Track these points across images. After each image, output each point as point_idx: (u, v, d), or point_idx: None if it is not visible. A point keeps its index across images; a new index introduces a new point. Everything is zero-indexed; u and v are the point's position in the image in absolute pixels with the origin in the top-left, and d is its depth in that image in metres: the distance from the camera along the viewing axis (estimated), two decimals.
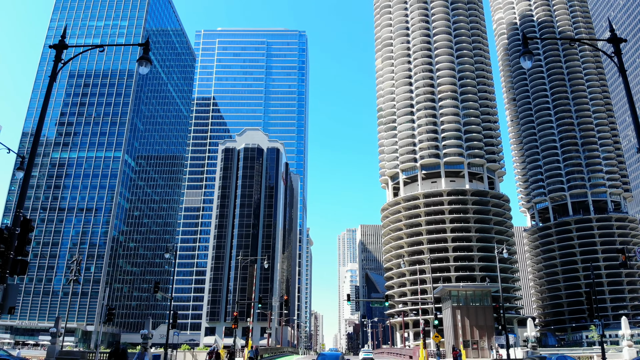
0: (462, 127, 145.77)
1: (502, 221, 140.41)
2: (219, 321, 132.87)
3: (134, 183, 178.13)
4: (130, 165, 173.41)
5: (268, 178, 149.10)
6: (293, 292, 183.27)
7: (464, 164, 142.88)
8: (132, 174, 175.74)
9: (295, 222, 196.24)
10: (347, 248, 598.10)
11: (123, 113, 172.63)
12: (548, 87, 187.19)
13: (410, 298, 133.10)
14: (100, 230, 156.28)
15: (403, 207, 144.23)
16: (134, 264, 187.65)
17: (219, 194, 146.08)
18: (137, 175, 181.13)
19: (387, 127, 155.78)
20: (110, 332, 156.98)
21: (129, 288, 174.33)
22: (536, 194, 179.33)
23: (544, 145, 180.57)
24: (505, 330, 42.75)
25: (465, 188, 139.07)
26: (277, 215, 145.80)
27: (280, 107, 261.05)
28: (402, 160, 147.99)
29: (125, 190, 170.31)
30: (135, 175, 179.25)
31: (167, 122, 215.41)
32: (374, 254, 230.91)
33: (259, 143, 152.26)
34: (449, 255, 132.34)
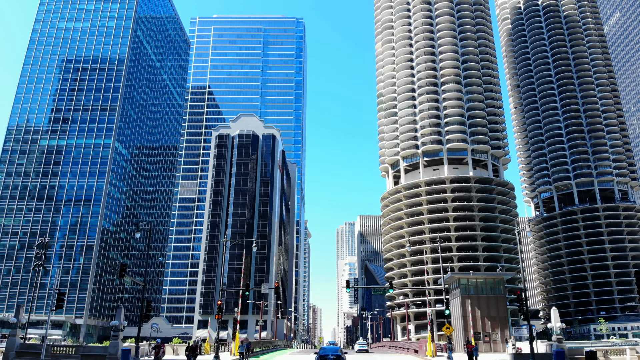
0: (465, 112, 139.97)
1: (507, 210, 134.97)
2: (213, 314, 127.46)
3: (127, 173, 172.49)
4: (122, 153, 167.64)
5: (264, 166, 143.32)
6: (290, 284, 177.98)
7: (467, 151, 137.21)
8: (124, 163, 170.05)
9: (293, 212, 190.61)
10: (345, 241, 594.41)
11: (113, 99, 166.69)
12: (553, 72, 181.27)
13: (412, 289, 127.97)
14: (90, 220, 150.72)
15: (404, 196, 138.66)
16: (127, 256, 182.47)
17: (212, 182, 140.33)
18: (129, 164, 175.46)
19: (387, 112, 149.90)
20: (101, 326, 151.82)
21: (120, 280, 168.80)
22: (541, 183, 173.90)
23: (549, 133, 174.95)
24: (529, 321, 37.28)
25: (469, 175, 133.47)
26: (273, 204, 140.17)
27: (277, 95, 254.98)
28: (403, 147, 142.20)
29: (117, 180, 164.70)
30: (127, 164, 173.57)
31: (160, 111, 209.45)
32: (373, 246, 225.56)
33: (254, 129, 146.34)
34: (452, 245, 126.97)
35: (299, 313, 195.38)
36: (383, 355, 56.61)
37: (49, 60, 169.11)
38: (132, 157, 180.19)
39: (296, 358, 48.36)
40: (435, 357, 46.28)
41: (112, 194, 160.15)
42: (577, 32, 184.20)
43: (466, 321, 55.17)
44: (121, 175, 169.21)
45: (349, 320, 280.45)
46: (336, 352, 29.43)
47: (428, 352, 46.63)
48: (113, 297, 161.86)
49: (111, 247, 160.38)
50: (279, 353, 56.67)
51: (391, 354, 60.81)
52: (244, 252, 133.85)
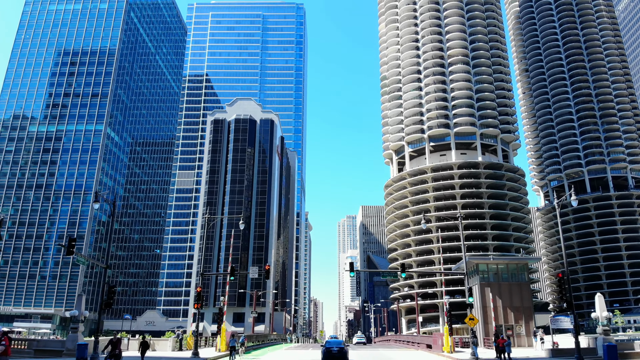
0: (474, 94, 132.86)
1: (517, 197, 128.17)
2: (208, 306, 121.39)
3: (122, 162, 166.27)
4: (115, 141, 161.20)
5: (262, 152, 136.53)
6: (290, 276, 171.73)
7: (476, 135, 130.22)
8: (118, 152, 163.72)
9: (293, 202, 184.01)
10: (347, 235, 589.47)
11: (105, 84, 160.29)
12: (564, 56, 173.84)
13: (418, 280, 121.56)
14: (81, 209, 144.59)
15: (409, 183, 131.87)
16: (121, 248, 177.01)
17: (207, 169, 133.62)
18: (124, 154, 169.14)
19: (391, 96, 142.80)
20: (92, 319, 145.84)
21: (113, 272, 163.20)
22: (551, 171, 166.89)
23: (559, 119, 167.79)
24: (572, 309, 30.64)
25: (477, 161, 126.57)
26: (271, 192, 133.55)
27: (277, 83, 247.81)
28: (408, 132, 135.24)
29: (111, 169, 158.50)
30: (122, 153, 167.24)
31: (156, 99, 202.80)
32: (376, 237, 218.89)
33: (252, 114, 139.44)
34: (460, 233, 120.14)
35: (299, 306, 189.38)
36: (390, 351, 50.07)
37: (39, 44, 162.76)
38: (127, 146, 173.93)
39: (290, 354, 41.79)
40: (453, 353, 39.73)
41: (104, 182, 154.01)
42: (588, 13, 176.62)
43: (486, 312, 48.63)
44: (115, 164, 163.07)
45: (350, 313, 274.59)
46: (340, 344, 33.67)
47: (445, 348, 40.07)
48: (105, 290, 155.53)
49: (104, 238, 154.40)
50: (273, 349, 50.18)
51: (399, 349, 54.30)
52: (241, 243, 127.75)
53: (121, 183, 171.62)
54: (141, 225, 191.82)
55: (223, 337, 40.08)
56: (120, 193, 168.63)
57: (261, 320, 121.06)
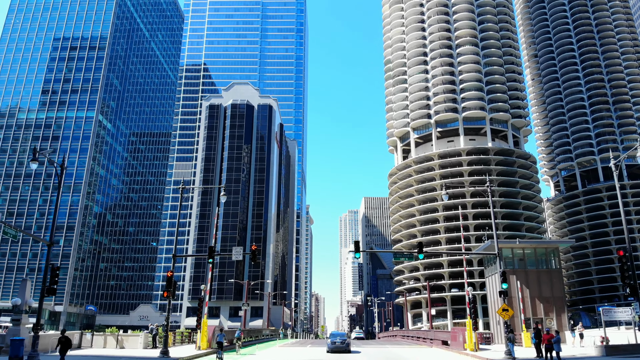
0: (483, 77, 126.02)
1: (529, 185, 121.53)
2: (203, 300, 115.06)
3: (115, 151, 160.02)
4: (108, 129, 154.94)
5: (259, 139, 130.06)
6: (290, 269, 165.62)
7: (485, 120, 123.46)
8: (111, 141, 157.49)
9: (292, 193, 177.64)
10: (349, 230, 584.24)
11: (97, 69, 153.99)
12: (574, 40, 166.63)
13: (424, 273, 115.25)
14: (71, 199, 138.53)
15: (415, 170, 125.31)
16: (116, 241, 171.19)
17: (202, 156, 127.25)
18: (117, 142, 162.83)
19: (396, 80, 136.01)
20: (84, 314, 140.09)
21: (108, 266, 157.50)
22: (561, 160, 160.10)
23: (570, 105, 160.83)
24: (637, 294, 24.20)
25: (487, 146, 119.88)
26: (269, 181, 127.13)
27: (276, 72, 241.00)
28: (413, 117, 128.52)
29: (103, 158, 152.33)
30: (115, 142, 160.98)
31: (152, 88, 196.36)
32: (379, 229, 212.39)
33: (249, 99, 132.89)
34: (469, 223, 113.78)
35: (299, 300, 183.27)
36: (401, 348, 43.69)
37: (28, 28, 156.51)
38: (122, 136, 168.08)
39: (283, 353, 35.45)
40: (478, 351, 33.35)
41: (97, 172, 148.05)
42: None
43: (511, 303, 42.15)
44: (109, 154, 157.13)
45: (352, 308, 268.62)
46: (343, 336, 36.96)
47: (468, 345, 33.67)
48: (98, 284, 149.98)
49: (96, 230, 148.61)
50: (265, 346, 43.83)
51: (410, 346, 47.91)
52: (238, 234, 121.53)
53: (116, 174, 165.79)
54: (137, 218, 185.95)
55: (204, 332, 33.77)
56: (114, 184, 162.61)
57: (259, 314, 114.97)
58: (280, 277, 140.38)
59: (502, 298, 28.29)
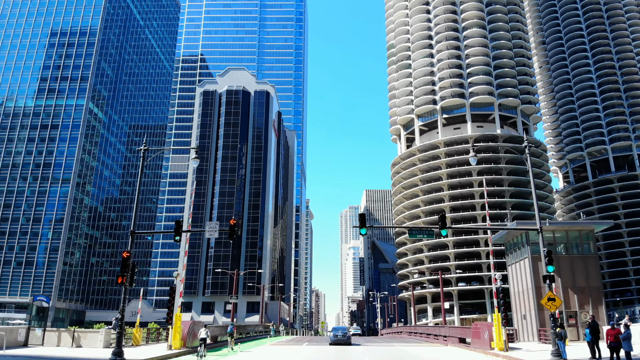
0: (491, 61, 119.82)
1: (540, 173, 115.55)
2: (196, 295, 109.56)
3: (107, 142, 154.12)
4: (99, 118, 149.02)
5: (256, 126, 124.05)
6: (289, 263, 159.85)
7: (494, 106, 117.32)
8: (103, 131, 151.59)
9: (291, 186, 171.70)
10: (349, 225, 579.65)
11: (87, 55, 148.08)
12: (584, 26, 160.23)
13: (429, 266, 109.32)
14: (60, 190, 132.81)
15: (419, 159, 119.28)
16: (110, 235, 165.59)
17: (196, 144, 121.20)
18: (110, 132, 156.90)
19: (399, 65, 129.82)
20: (74, 309, 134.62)
21: (102, 261, 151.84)
22: (571, 149, 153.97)
23: (580, 93, 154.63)
24: None
25: (496, 133, 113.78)
26: (266, 170, 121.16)
27: (275, 62, 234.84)
28: (418, 104, 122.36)
29: (95, 148, 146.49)
30: (108, 132, 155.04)
31: (148, 79, 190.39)
32: (381, 222, 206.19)
33: (245, 85, 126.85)
34: (477, 214, 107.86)
35: (299, 296, 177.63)
36: (411, 347, 37.84)
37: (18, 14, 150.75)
38: (116, 127, 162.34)
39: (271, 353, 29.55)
40: (508, 351, 27.48)
41: (87, 162, 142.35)
42: None
43: (540, 294, 36.24)
44: (101, 144, 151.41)
45: (353, 304, 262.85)
46: (344, 330, 39.71)
47: (497, 344, 27.77)
48: (90, 280, 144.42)
49: (86, 223, 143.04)
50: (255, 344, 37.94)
51: (420, 344, 42.03)
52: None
53: (109, 165, 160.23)
54: (132, 212, 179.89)
55: (177, 328, 27.86)
56: (108, 177, 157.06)
57: (255, 310, 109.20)
58: (278, 271, 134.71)
59: (547, 285, 22.34)
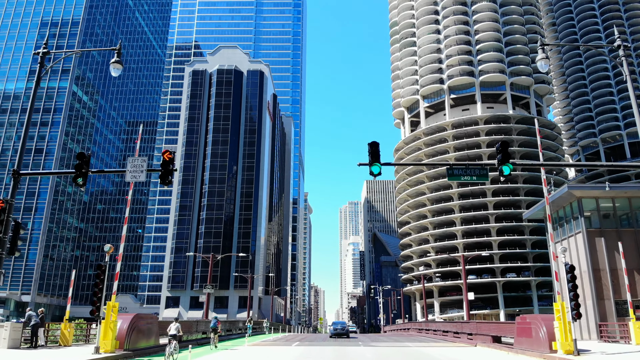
0: (502, 37, 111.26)
1: (555, 157, 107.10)
2: (184, 289, 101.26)
3: (93, 127, 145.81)
4: (84, 102, 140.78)
5: (249, 108, 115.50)
6: (285, 257, 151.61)
7: (505, 85, 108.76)
8: (89, 116, 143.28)
9: (288, 175, 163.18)
10: (349, 221, 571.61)
11: (72, 35, 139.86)
12: (597, 5, 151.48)
13: (435, 258, 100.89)
14: (41, 177, 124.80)
15: (425, 143, 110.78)
16: (100, 228, 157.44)
17: (184, 128, 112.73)
18: (96, 118, 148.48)
19: (403, 43, 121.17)
20: (56, 304, 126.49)
21: (90, 255, 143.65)
22: (583, 136, 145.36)
23: (593, 75, 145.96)
24: None
25: (508, 114, 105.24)
26: (260, 155, 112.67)
27: (272, 49, 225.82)
28: (423, 84, 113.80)
29: (79, 134, 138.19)
30: (94, 117, 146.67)
31: (139, 65, 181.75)
32: (382, 214, 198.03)
33: (237, 64, 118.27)
34: (487, 200, 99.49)
35: (296, 291, 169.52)
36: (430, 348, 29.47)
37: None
38: (104, 114, 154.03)
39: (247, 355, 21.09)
40: (579, 355, 19.09)
41: (70, 148, 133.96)
42: None
43: (599, 279, 27.72)
44: (87, 131, 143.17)
45: (353, 300, 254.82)
46: (343, 325, 45.24)
47: (562, 345, 19.38)
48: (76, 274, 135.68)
49: (72, 214, 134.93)
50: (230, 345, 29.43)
51: (438, 343, 33.62)
52: (224, 213, 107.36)
53: (96, 153, 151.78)
54: (123, 204, 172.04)
55: (108, 324, 19.41)
56: (92, 163, 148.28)
57: (246, 305, 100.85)
58: (274, 265, 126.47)
59: None
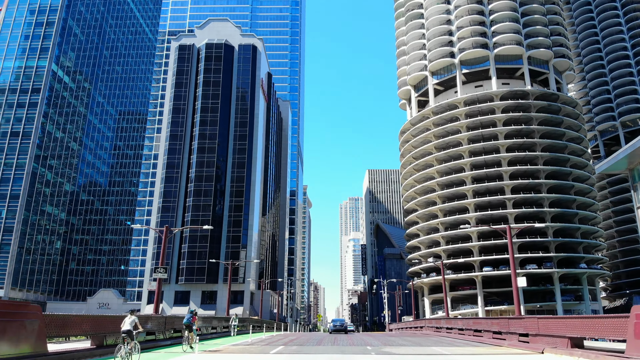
0: (518, 6, 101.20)
1: (577, 138, 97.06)
2: (168, 282, 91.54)
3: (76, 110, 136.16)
4: (65, 83, 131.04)
5: (241, 86, 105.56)
6: (282, 250, 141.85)
7: (522, 58, 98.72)
8: (71, 99, 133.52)
9: (285, 163, 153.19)
10: (349, 217, 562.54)
11: (52, 10, 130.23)
12: None
13: (446, 248, 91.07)
14: (17, 161, 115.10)
15: (434, 123, 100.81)
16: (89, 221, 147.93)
17: (170, 107, 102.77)
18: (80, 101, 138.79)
19: (409, 16, 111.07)
20: (33, 300, 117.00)
21: (67, 247, 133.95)
22: (601, 119, 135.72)
23: (611, 55, 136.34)
24: None
25: (526, 89, 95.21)
26: (253, 138, 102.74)
27: (269, 35, 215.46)
28: (432, 58, 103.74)
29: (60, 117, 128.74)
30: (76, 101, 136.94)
31: (129, 51, 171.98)
32: (385, 205, 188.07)
33: (228, 38, 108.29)
34: (505, 184, 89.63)
35: (295, 287, 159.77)
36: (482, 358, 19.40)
37: None
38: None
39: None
40: None
41: (50, 132, 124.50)
42: None
43: None
44: (69, 116, 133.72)
45: (354, 297, 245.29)
46: (342, 321, 51.12)
47: None
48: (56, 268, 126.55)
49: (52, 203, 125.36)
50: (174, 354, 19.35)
51: (483, 349, 23.80)
52: (213, 195, 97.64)
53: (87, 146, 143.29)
54: (114, 196, 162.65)
55: None
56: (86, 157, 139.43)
57: (238, 300, 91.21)
58: (269, 258, 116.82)
59: None
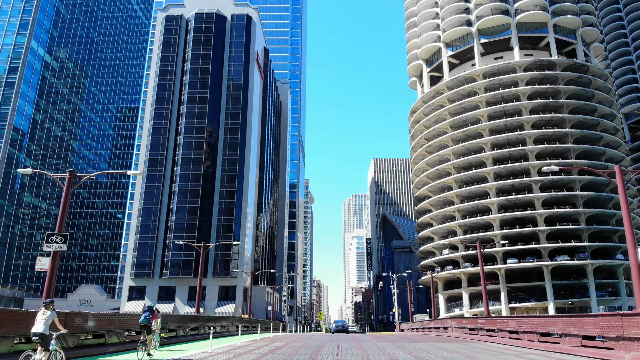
0: None
1: (609, 114, 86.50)
2: (151, 277, 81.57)
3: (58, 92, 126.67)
4: (47, 62, 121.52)
5: (233, 60, 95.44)
6: (280, 244, 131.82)
7: (547, 27, 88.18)
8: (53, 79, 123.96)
9: (284, 149, 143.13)
10: (353, 214, 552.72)
11: None
12: None
13: (463, 238, 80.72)
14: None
15: (449, 99, 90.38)
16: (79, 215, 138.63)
17: (155, 83, 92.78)
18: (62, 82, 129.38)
19: None
20: (10, 296, 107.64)
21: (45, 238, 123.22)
22: (625, 101, 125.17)
23: (635, 33, 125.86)
24: None
25: (552, 59, 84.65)
26: (247, 117, 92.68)
27: (269, 19, 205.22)
28: (446, 27, 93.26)
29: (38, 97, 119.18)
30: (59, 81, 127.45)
31: (118, 30, 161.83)
32: (392, 197, 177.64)
33: (220, 8, 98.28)
34: (530, 165, 79.23)
35: (296, 284, 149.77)
36: None
37: None
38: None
39: None
40: None
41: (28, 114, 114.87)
42: None
43: None
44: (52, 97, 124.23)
45: (358, 295, 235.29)
46: (344, 322, 52.56)
47: None
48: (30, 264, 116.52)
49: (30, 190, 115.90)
50: None
51: None
52: (202, 182, 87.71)
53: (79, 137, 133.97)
54: (101, 188, 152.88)
55: None
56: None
57: (230, 296, 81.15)
58: (266, 252, 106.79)
59: None
